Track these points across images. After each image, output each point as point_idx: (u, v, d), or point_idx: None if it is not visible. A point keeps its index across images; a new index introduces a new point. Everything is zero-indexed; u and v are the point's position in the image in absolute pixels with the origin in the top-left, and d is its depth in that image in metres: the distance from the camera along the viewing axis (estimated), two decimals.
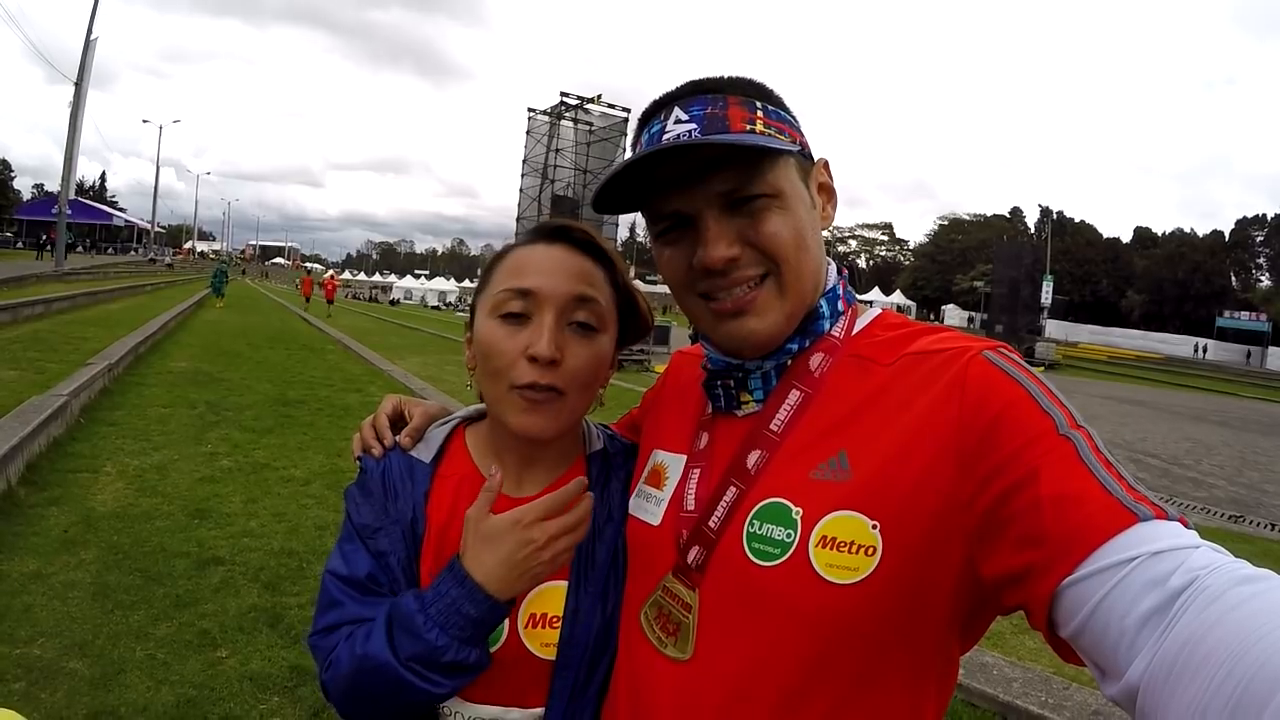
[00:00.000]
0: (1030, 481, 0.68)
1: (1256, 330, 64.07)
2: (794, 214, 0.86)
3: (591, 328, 0.98)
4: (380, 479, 1.03)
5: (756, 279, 0.86)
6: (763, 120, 0.85)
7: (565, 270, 0.98)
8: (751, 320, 0.87)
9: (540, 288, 0.96)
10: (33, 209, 66.51)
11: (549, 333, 0.94)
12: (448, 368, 14.87)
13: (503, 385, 0.96)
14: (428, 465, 1.04)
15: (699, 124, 0.84)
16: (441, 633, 0.87)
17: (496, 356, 0.96)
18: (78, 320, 14.66)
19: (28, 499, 4.99)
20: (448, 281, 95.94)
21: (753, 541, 0.83)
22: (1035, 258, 38.39)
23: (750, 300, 0.86)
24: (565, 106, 22.13)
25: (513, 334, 0.95)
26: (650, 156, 0.82)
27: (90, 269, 31.39)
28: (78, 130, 27.24)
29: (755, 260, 0.85)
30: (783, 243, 0.84)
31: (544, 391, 0.94)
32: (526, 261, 0.99)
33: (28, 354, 9.60)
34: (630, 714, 0.91)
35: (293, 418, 8.58)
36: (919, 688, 0.81)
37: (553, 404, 0.96)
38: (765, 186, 0.84)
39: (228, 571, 4.29)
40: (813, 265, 0.88)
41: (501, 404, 0.97)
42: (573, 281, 0.97)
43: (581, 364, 0.97)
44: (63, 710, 2.89)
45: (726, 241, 0.84)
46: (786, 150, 0.84)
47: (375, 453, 1.06)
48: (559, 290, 0.96)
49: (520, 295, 0.96)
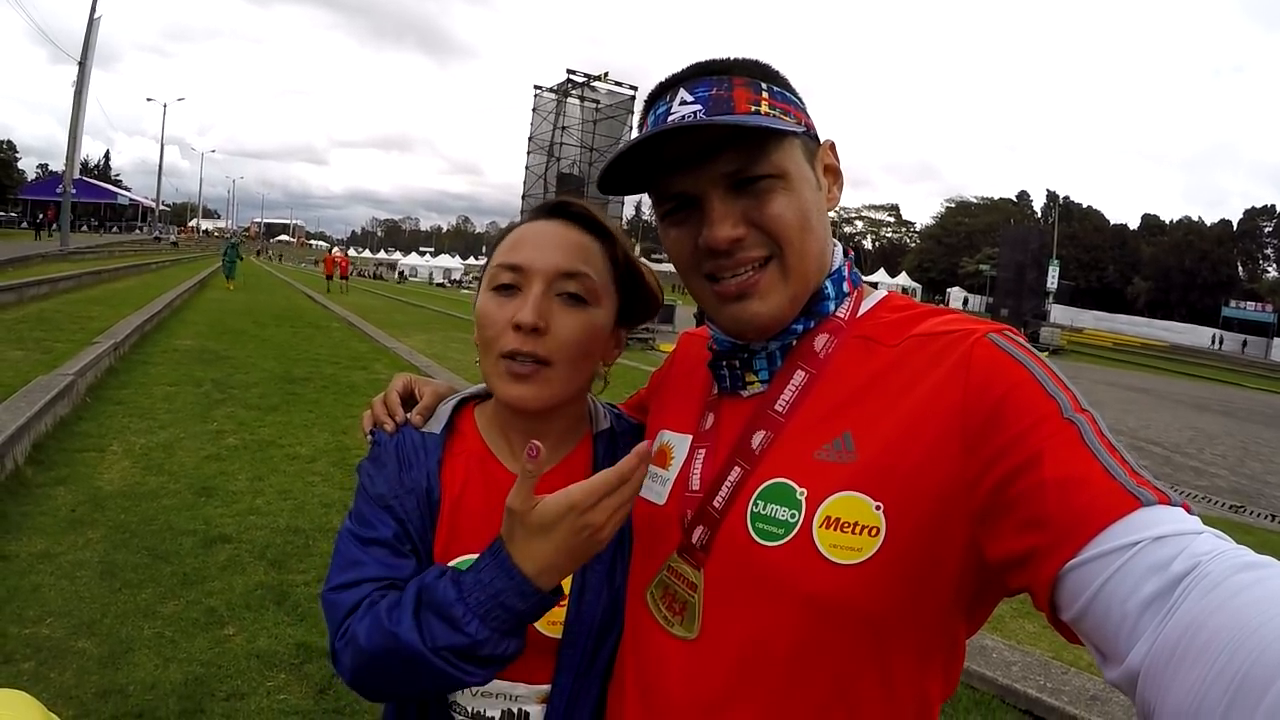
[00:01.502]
0: (1034, 464, 0.68)
1: (1262, 321, 63.73)
2: (799, 195, 0.86)
3: (581, 299, 0.99)
4: (394, 451, 1.04)
5: (760, 261, 0.86)
6: (768, 101, 0.85)
7: (556, 244, 1.00)
8: (755, 303, 0.87)
9: (529, 260, 0.98)
10: (38, 189, 66.24)
11: (533, 301, 0.96)
12: (452, 345, 14.89)
13: (492, 355, 0.98)
14: (438, 436, 1.06)
15: (704, 105, 0.84)
16: (482, 625, 0.83)
17: (487, 326, 0.99)
18: (83, 299, 14.67)
19: (35, 479, 5.01)
20: (453, 259, 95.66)
21: (757, 521, 0.83)
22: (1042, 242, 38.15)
23: (754, 283, 0.86)
24: (572, 84, 22.02)
25: (502, 305, 0.98)
26: (655, 138, 0.83)
27: (95, 248, 31.34)
28: (82, 109, 27.14)
29: (759, 242, 0.86)
30: (787, 224, 0.85)
31: (529, 362, 0.96)
32: (522, 237, 1.02)
33: (34, 334, 9.62)
34: (638, 692, 0.92)
35: (298, 395, 8.61)
36: (924, 669, 0.82)
37: (539, 374, 0.97)
38: (770, 167, 0.84)
39: (234, 550, 4.32)
40: (817, 247, 0.89)
41: (491, 375, 0.99)
42: (561, 254, 0.99)
43: (568, 334, 0.97)
44: (72, 689, 2.92)
45: (731, 222, 0.85)
46: (791, 131, 0.84)
47: (388, 428, 1.07)
48: (547, 262, 0.98)
49: (511, 269, 0.99)
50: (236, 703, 2.97)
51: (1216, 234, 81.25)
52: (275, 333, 14.25)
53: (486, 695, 0.99)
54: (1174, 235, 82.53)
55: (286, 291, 28.53)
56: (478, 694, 0.99)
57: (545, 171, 22.12)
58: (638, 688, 0.92)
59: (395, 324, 18.66)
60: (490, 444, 1.07)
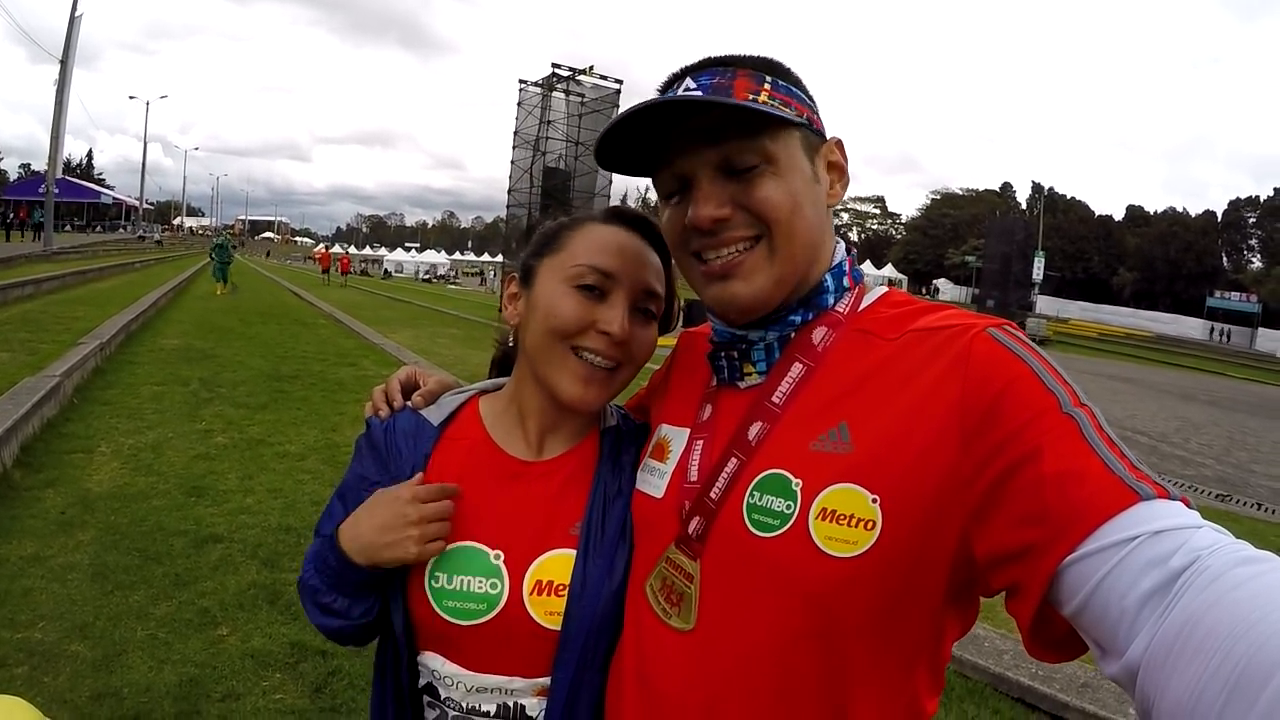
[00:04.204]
0: (1032, 459, 0.68)
1: (1246, 311, 64.06)
2: (788, 181, 0.87)
3: (653, 315, 1.07)
4: (383, 437, 1.09)
5: (748, 241, 0.88)
6: (768, 93, 0.86)
7: (644, 261, 1.05)
8: (737, 283, 0.88)
9: (622, 272, 1.02)
10: (20, 189, 65.29)
11: (624, 314, 1.01)
12: (440, 340, 14.86)
13: (563, 346, 1.01)
14: (435, 428, 1.09)
15: (705, 92, 0.86)
16: (314, 572, 1.03)
17: (566, 321, 1.01)
18: (68, 300, 14.53)
19: (23, 481, 4.98)
20: (439, 254, 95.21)
21: (753, 513, 0.84)
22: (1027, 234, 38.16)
23: (738, 263, 0.88)
24: (557, 78, 21.85)
25: (586, 305, 1.01)
26: (656, 116, 0.86)
27: (79, 248, 30.99)
28: (64, 109, 26.74)
29: (746, 222, 0.87)
30: (774, 205, 0.86)
31: (605, 368, 1.01)
32: (609, 242, 1.04)
33: (18, 335, 9.52)
34: (636, 684, 0.92)
35: (286, 393, 8.58)
36: (913, 664, 0.82)
37: (609, 378, 1.03)
38: (761, 153, 0.86)
39: (226, 549, 4.30)
40: (809, 233, 0.89)
41: (553, 365, 1.02)
42: (648, 273, 1.05)
43: (640, 347, 1.04)
44: (66, 693, 2.90)
45: (716, 202, 0.87)
46: (783, 119, 0.85)
47: (382, 414, 1.12)
48: (638, 279, 1.03)
49: (602, 274, 1.01)
50: (232, 703, 2.96)
51: (1201, 224, 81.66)
52: (262, 330, 14.17)
53: (480, 690, 0.99)
54: (1158, 226, 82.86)
55: (272, 288, 28.32)
56: (471, 689, 0.99)
57: (531, 166, 21.97)
58: (637, 680, 0.92)
59: (383, 320, 18.58)
60: (494, 433, 1.09)
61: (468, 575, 0.99)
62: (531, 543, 1.01)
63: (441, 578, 0.99)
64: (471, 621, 0.97)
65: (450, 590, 0.98)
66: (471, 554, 1.00)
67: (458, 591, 0.98)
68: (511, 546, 1.00)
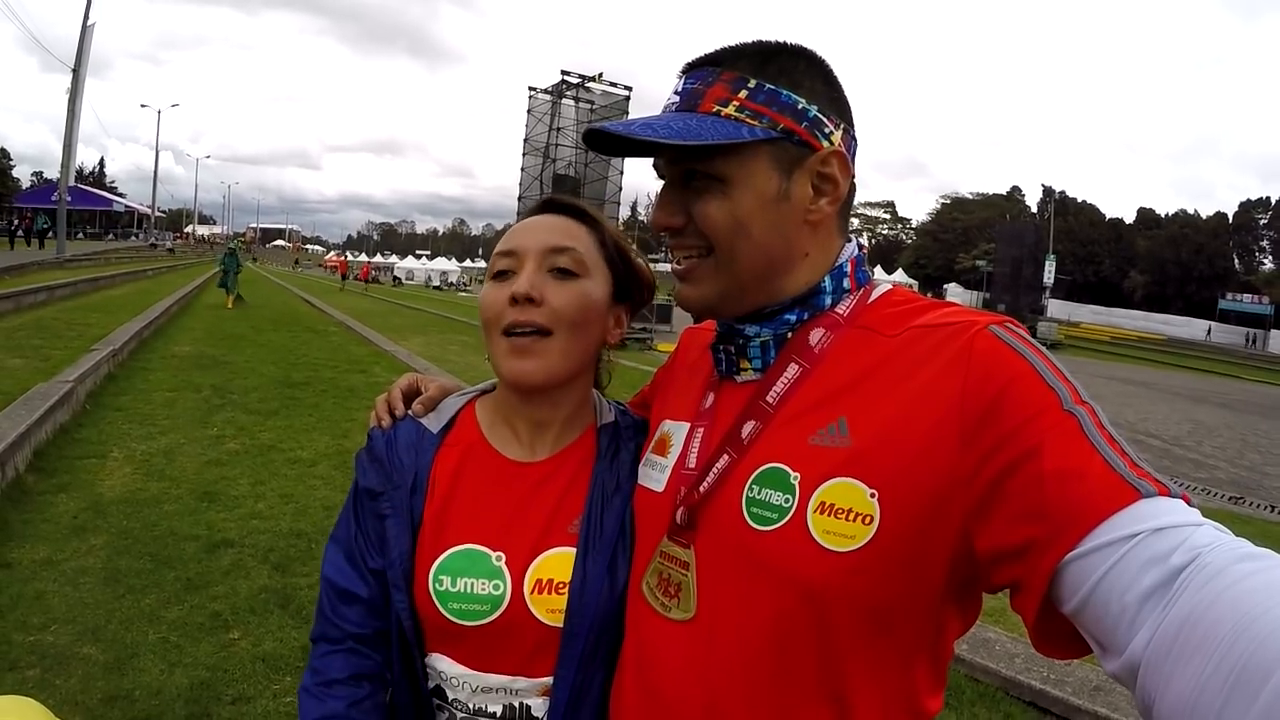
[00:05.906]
0: (1033, 456, 0.68)
1: (1259, 313, 63.62)
2: (734, 201, 0.86)
3: (571, 272, 1.03)
4: (385, 448, 1.09)
5: (700, 249, 0.90)
6: (740, 102, 0.85)
7: (543, 227, 1.06)
8: (686, 287, 0.93)
9: (520, 244, 1.04)
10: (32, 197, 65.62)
11: (526, 274, 1.01)
12: (451, 348, 14.90)
13: (495, 336, 1.02)
14: (435, 435, 1.09)
15: (682, 98, 0.88)
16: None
17: (488, 309, 1.03)
18: (80, 306, 14.65)
19: (36, 486, 5.02)
20: (449, 262, 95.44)
21: (751, 506, 0.83)
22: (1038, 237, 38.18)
23: (690, 269, 0.91)
24: (566, 85, 21.95)
25: (499, 288, 1.02)
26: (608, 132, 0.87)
27: (91, 255, 31.22)
28: (76, 117, 26.96)
29: (697, 232, 0.89)
30: (714, 226, 0.87)
31: (528, 334, 1.00)
32: (513, 230, 1.08)
33: (32, 341, 9.61)
34: (637, 679, 0.92)
35: (298, 399, 8.62)
36: (913, 659, 0.82)
37: (539, 345, 1.00)
38: (713, 171, 0.86)
39: (237, 554, 4.33)
40: (755, 252, 0.88)
41: (496, 355, 1.03)
42: (548, 234, 1.05)
43: (562, 302, 1.01)
44: (78, 695, 2.93)
45: (668, 211, 0.91)
46: (723, 142, 0.84)
47: (384, 424, 1.12)
48: (536, 241, 1.04)
49: (505, 255, 1.04)
50: (243, 706, 2.98)
51: (1211, 226, 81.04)
52: (273, 337, 14.24)
53: (486, 691, 1.00)
54: (1169, 228, 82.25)
55: (283, 296, 28.41)
56: (477, 690, 1.00)
57: (540, 173, 22.06)
58: (637, 676, 0.92)
59: (393, 327, 18.64)
60: (488, 433, 1.09)
61: (470, 577, 0.99)
62: (531, 542, 1.01)
63: (445, 580, 0.99)
64: (477, 622, 0.98)
65: (454, 593, 0.99)
66: (473, 556, 1.00)
67: (462, 594, 0.99)
68: (511, 547, 1.01)
